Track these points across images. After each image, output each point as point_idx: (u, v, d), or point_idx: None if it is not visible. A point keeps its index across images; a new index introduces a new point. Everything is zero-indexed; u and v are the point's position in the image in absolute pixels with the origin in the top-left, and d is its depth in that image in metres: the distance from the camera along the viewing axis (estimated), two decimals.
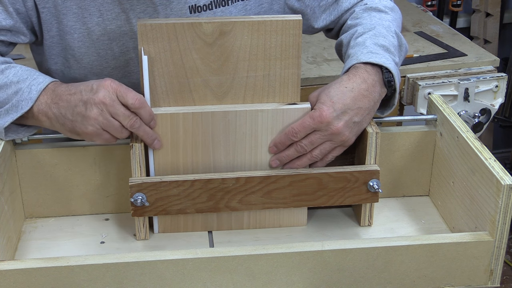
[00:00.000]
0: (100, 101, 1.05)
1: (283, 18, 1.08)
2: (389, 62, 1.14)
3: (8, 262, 0.98)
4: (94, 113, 1.05)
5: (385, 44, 1.17)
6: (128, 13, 1.16)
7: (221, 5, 1.19)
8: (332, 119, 1.08)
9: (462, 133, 1.14)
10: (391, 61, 1.15)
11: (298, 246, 1.02)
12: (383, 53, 1.15)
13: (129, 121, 1.07)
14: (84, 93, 1.06)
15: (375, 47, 1.16)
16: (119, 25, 1.17)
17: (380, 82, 1.13)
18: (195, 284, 1.01)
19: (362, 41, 1.18)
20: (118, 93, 1.06)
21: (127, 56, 1.20)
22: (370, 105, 1.12)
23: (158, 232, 1.18)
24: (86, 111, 1.05)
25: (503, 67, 2.63)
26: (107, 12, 1.16)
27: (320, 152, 1.12)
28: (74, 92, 1.07)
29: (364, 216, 1.20)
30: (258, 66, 1.11)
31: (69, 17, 1.16)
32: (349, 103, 1.09)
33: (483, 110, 1.98)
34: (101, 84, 1.06)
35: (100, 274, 0.98)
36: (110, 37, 1.18)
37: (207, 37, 1.07)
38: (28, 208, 1.21)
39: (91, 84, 1.07)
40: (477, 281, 1.07)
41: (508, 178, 1.02)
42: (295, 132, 1.10)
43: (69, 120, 1.07)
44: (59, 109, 1.08)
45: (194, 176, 1.12)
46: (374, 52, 1.14)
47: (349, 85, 1.10)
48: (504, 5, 2.72)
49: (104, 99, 1.05)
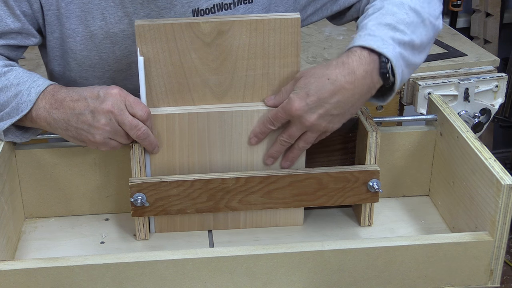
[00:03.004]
0: (108, 110, 1.04)
1: (282, 17, 1.08)
2: (386, 45, 1.03)
3: (8, 262, 0.98)
4: (102, 123, 1.04)
5: (391, 22, 1.06)
6: (131, 17, 1.16)
7: (223, 8, 1.19)
8: (303, 113, 1.03)
9: (462, 133, 1.14)
10: (390, 44, 1.04)
11: (298, 246, 1.02)
12: (384, 33, 1.05)
13: (136, 132, 1.06)
14: (90, 101, 1.05)
15: (377, 27, 1.06)
16: (122, 29, 1.16)
17: (375, 72, 1.03)
18: (195, 284, 1.01)
19: (365, 23, 1.08)
20: (127, 102, 1.05)
21: (129, 60, 1.20)
22: (354, 98, 1.04)
23: (155, 231, 1.18)
24: (94, 121, 1.05)
25: (503, 67, 2.63)
26: (110, 16, 1.15)
27: (305, 142, 1.09)
28: (78, 98, 1.06)
29: (364, 216, 1.20)
30: (257, 65, 1.11)
31: (72, 20, 1.15)
32: (326, 97, 1.02)
33: (483, 110, 1.98)
34: (109, 92, 1.05)
35: (100, 274, 0.98)
36: (113, 41, 1.18)
37: (206, 36, 1.07)
38: (28, 208, 1.21)
39: (97, 92, 1.06)
40: (477, 281, 1.07)
41: (508, 178, 1.02)
42: (270, 121, 1.09)
43: (74, 128, 1.07)
44: (61, 115, 1.07)
45: (194, 176, 1.12)
46: (372, 34, 1.05)
47: (332, 75, 1.02)
48: (504, 5, 2.72)
49: (112, 108, 1.04)
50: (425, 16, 1.11)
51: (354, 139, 1.21)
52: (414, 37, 1.08)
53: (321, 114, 1.04)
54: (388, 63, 1.03)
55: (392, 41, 1.05)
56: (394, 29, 1.06)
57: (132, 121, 1.05)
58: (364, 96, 1.05)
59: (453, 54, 2.04)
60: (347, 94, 1.03)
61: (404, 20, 1.08)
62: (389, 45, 1.04)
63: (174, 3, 1.16)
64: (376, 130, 1.14)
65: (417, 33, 1.09)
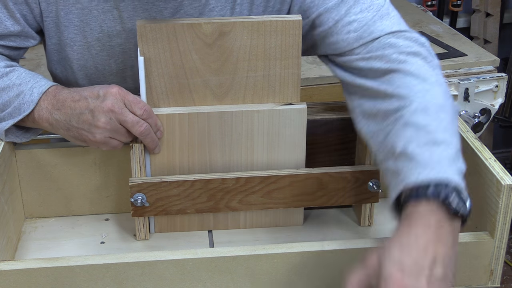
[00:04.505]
0: (108, 109, 1.04)
1: (283, 18, 1.08)
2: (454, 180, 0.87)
3: (8, 262, 0.98)
4: (103, 121, 1.04)
5: (452, 153, 0.90)
6: (129, 33, 1.15)
7: None
8: (410, 285, 0.81)
9: (462, 133, 1.14)
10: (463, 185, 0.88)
11: (298, 246, 1.02)
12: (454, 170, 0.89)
13: (138, 128, 1.06)
14: (90, 100, 1.06)
15: (448, 163, 0.89)
16: (119, 43, 1.16)
17: (447, 217, 0.86)
18: (195, 284, 1.01)
19: (413, 153, 0.90)
20: (126, 101, 1.06)
21: (125, 74, 1.19)
22: (446, 250, 0.84)
23: (155, 231, 1.18)
24: (94, 120, 1.05)
25: (503, 67, 2.63)
26: (109, 29, 1.14)
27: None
28: (78, 98, 1.07)
29: (364, 216, 1.20)
30: (258, 66, 1.11)
31: (70, 29, 1.15)
32: (420, 257, 0.83)
33: (483, 110, 1.98)
34: (109, 91, 1.05)
35: (100, 274, 0.98)
36: (109, 53, 1.17)
37: (207, 37, 1.07)
38: (28, 208, 1.21)
39: (97, 91, 1.06)
40: (477, 281, 1.07)
41: (508, 178, 1.02)
42: None
43: (75, 128, 1.07)
44: (62, 115, 1.07)
45: (194, 176, 1.12)
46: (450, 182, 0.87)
47: (409, 238, 0.84)
48: (504, 5, 2.72)
49: (112, 107, 1.04)
50: (453, 109, 0.98)
51: (354, 139, 1.21)
52: (459, 144, 0.94)
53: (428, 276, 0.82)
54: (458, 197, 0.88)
55: (459, 176, 0.90)
56: (457, 157, 0.91)
57: (134, 118, 1.06)
58: (454, 246, 0.87)
59: (453, 54, 2.04)
60: (439, 246, 0.84)
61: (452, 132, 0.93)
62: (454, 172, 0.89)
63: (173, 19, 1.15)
64: None
65: (457, 136, 0.95)
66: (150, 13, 1.13)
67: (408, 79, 1.00)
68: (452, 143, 0.92)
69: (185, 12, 1.14)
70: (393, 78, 1.02)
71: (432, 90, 0.99)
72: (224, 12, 1.15)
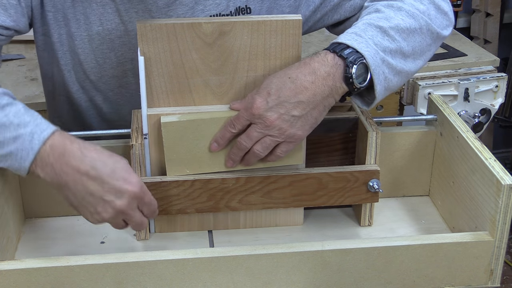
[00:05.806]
0: (120, 210, 0.99)
1: (283, 18, 1.08)
2: (369, 49, 1.01)
3: (8, 262, 0.98)
4: (108, 216, 1.00)
5: (383, 25, 1.04)
6: (127, 25, 1.16)
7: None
8: (263, 111, 1.01)
9: (462, 133, 1.14)
10: (372, 48, 1.01)
11: (298, 246, 1.02)
12: (372, 34, 1.03)
13: (137, 228, 1.05)
14: (106, 190, 0.97)
15: (366, 27, 1.04)
16: (118, 35, 1.16)
17: (337, 75, 1.01)
18: (195, 284, 1.01)
19: (357, 22, 1.07)
20: (141, 202, 1.01)
21: (125, 67, 1.20)
22: (316, 100, 1.01)
23: (155, 231, 1.18)
24: (102, 210, 0.99)
25: (503, 67, 2.64)
26: (107, 22, 1.16)
27: (262, 147, 1.04)
28: (95, 176, 0.97)
29: (364, 216, 1.20)
30: (258, 66, 1.11)
31: (73, 23, 1.16)
32: (287, 95, 1.00)
33: (483, 110, 1.98)
34: (128, 189, 0.98)
35: (100, 274, 0.98)
36: (109, 47, 1.18)
37: (207, 37, 1.07)
38: (28, 208, 1.21)
39: (119, 186, 0.98)
40: (477, 281, 1.07)
41: (508, 178, 1.02)
42: (232, 124, 1.05)
43: (76, 200, 1.00)
44: (68, 183, 0.98)
45: (194, 176, 1.12)
46: (358, 34, 1.03)
47: (293, 74, 1.01)
48: (504, 5, 2.72)
49: (125, 209, 0.99)
50: (422, 23, 1.08)
51: (354, 139, 1.21)
52: (405, 44, 1.06)
53: (281, 114, 1.01)
54: (353, 68, 1.00)
55: (375, 46, 1.03)
56: (384, 33, 1.04)
57: (138, 220, 1.02)
58: (326, 99, 1.02)
59: (453, 54, 2.04)
60: (307, 93, 1.01)
61: (398, 25, 1.06)
62: (371, 50, 1.01)
63: (170, 14, 1.16)
64: (376, 130, 1.14)
65: (410, 40, 1.07)
66: (146, 5, 1.14)
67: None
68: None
69: (180, 2, 1.14)
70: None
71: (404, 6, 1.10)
72: (220, 1, 1.16)
